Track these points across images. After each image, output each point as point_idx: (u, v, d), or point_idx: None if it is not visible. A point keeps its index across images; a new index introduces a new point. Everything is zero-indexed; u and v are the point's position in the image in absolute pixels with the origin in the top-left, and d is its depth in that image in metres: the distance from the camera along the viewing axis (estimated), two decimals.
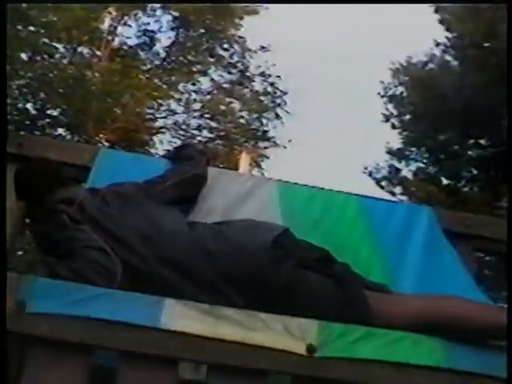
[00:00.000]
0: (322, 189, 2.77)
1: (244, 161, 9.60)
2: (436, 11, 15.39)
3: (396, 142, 16.74)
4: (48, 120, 13.97)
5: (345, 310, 1.82)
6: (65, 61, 14.08)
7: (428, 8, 15.36)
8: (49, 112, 13.99)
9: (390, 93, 16.79)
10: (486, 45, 15.10)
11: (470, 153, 16.24)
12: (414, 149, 16.84)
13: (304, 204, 2.61)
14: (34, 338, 1.59)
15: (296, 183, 2.75)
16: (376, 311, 1.83)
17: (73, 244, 1.82)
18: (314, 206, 2.61)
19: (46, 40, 13.74)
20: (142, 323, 1.60)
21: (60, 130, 14.08)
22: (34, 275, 1.64)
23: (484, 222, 2.89)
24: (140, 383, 1.61)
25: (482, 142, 15.89)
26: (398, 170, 16.77)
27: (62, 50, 14.41)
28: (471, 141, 16.04)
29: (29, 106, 13.82)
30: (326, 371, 1.68)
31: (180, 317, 1.63)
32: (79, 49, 14.64)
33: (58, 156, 2.57)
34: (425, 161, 16.93)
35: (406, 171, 17.14)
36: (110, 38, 14.83)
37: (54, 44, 14.12)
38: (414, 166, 17.05)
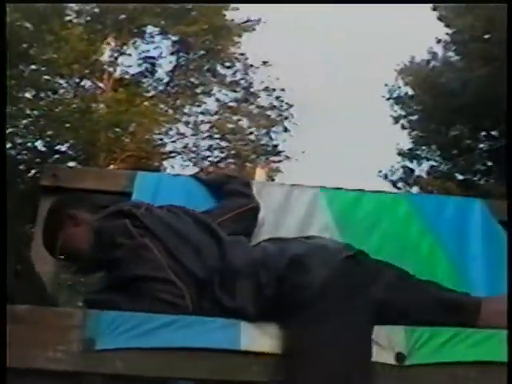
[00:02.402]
0: (366, 191, 2.69)
1: (259, 176, 9.57)
2: (434, 9, 15.36)
3: (407, 143, 16.66)
4: (57, 156, 13.96)
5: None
6: (69, 95, 14.08)
7: (426, 6, 15.35)
8: (57, 147, 13.98)
9: (395, 94, 16.72)
10: (487, 37, 15.03)
11: (482, 145, 16.12)
12: (425, 147, 16.75)
13: (353, 208, 2.51)
14: (108, 377, 1.48)
15: (339, 188, 2.65)
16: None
17: (137, 266, 1.70)
18: (364, 209, 2.51)
19: (48, 77, 13.77)
20: (221, 347, 1.50)
21: (71, 164, 14.03)
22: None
23: None
24: None
25: (494, 133, 15.76)
26: (412, 170, 16.68)
27: (64, 85, 14.45)
28: (483, 133, 15.92)
29: (37, 143, 13.83)
30: (416, 379, 1.57)
31: (259, 336, 1.52)
32: (82, 82, 14.66)
33: (94, 184, 2.49)
34: (437, 158, 16.82)
35: (419, 170, 17.06)
36: (111, 68, 14.85)
37: (57, 80, 14.16)
38: (426, 164, 16.96)
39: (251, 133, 15.99)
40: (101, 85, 14.55)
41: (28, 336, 1.47)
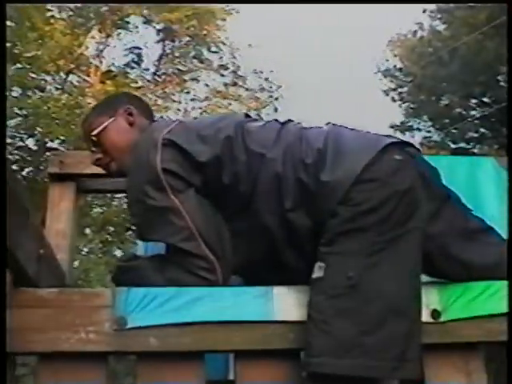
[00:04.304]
0: None
1: None
2: None
3: (398, 115, 16.64)
4: (49, 153, 13.85)
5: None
6: (56, 92, 13.97)
7: None
8: (49, 145, 13.89)
9: (384, 67, 16.68)
10: (471, 4, 14.98)
11: (473, 113, 16.12)
12: (416, 119, 16.74)
13: None
14: (142, 354, 1.45)
15: None
16: None
17: (165, 233, 1.56)
18: None
19: (34, 75, 13.64)
20: (255, 319, 1.47)
21: None
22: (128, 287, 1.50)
23: None
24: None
25: (485, 99, 15.75)
26: None
27: (51, 81, 14.33)
28: (473, 100, 15.92)
29: (28, 142, 13.73)
30: (453, 334, 1.55)
31: (293, 305, 1.49)
32: (68, 78, 14.54)
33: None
34: (429, 129, 16.82)
35: (413, 142, 17.05)
36: (97, 61, 14.73)
37: (43, 77, 14.05)
38: (419, 135, 16.97)
39: None
40: (88, 79, 14.44)
41: (57, 319, 1.44)
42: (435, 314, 1.54)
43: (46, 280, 1.59)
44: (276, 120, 1.74)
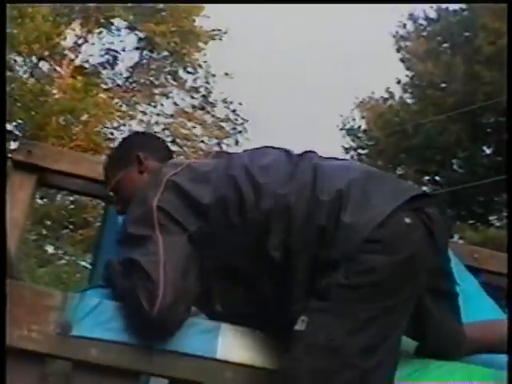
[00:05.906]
0: None
1: None
2: (398, 50, 15.74)
3: None
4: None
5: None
6: (25, 75, 13.78)
7: (392, 47, 15.71)
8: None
9: (348, 126, 16.99)
10: (443, 86, 15.47)
11: (424, 188, 16.54)
12: None
13: None
14: (80, 362, 1.44)
15: None
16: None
17: (135, 252, 1.51)
18: None
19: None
20: (196, 353, 1.48)
21: (14, 145, 13.66)
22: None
23: (489, 255, 2.89)
24: None
25: (437, 178, 16.18)
26: None
27: (21, 63, 14.13)
28: (426, 177, 16.33)
29: None
30: None
31: (237, 347, 1.51)
32: (40, 64, 14.38)
33: (69, 168, 2.44)
34: None
35: None
36: (72, 55, 14.62)
37: (14, 57, 13.84)
38: None
39: (202, 141, 15.98)
40: (59, 69, 14.30)
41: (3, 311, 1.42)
42: None
43: None
44: (287, 151, 1.71)
